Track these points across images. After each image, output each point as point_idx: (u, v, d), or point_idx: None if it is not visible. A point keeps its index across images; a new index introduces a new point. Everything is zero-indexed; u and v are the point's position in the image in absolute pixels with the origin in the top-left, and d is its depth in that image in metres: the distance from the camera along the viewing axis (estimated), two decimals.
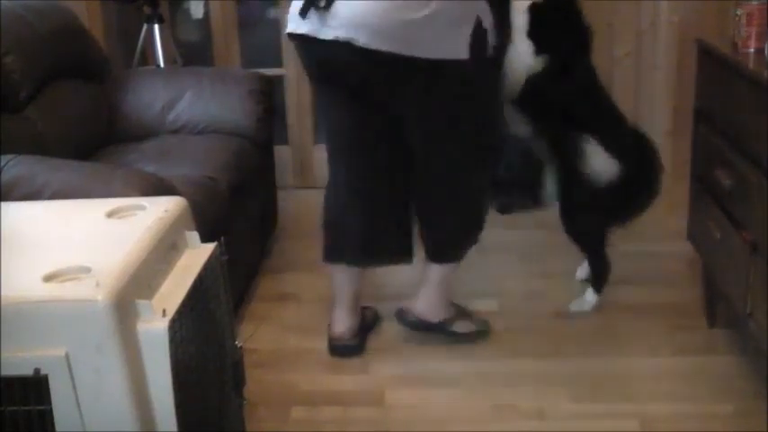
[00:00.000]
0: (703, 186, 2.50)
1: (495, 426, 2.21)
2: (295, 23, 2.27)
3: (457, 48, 2.21)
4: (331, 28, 2.18)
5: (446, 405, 2.31)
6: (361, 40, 2.14)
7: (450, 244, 2.53)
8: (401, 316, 2.60)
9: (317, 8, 2.19)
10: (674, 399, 2.29)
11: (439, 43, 2.17)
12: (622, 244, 2.76)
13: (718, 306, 2.59)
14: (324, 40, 2.20)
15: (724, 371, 2.40)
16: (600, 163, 2.57)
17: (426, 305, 2.55)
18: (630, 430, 2.17)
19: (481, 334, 2.60)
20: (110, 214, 1.70)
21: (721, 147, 2.34)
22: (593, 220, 2.70)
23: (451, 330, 2.57)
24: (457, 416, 2.27)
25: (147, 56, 3.80)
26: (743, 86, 2.19)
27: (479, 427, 2.22)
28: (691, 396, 2.29)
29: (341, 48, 2.18)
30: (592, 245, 2.74)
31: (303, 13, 2.22)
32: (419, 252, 2.55)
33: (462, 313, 2.61)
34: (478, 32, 2.23)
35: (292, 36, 2.32)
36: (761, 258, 2.05)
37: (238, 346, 1.79)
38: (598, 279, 2.74)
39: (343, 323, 2.58)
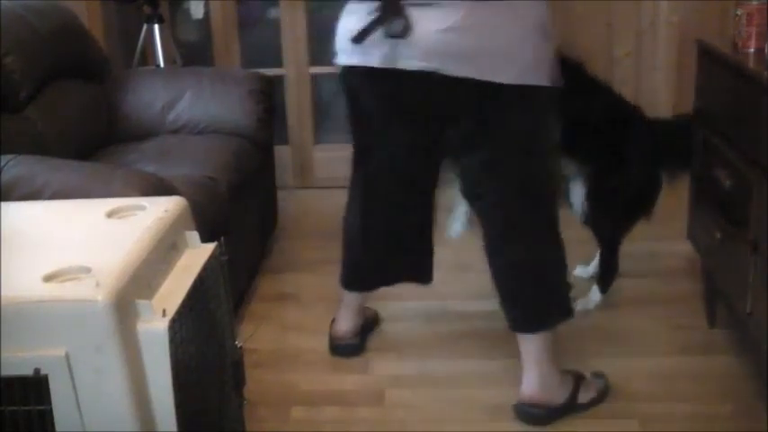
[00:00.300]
0: (703, 186, 2.50)
1: (494, 426, 2.21)
2: (359, 55, 2.07)
3: (542, 72, 2.03)
4: (410, 58, 1.98)
5: (446, 405, 2.31)
6: (450, 68, 1.95)
7: (526, 311, 2.26)
8: (522, 412, 2.23)
9: (391, 34, 1.97)
10: (674, 399, 2.29)
11: (525, 67, 2.00)
12: (623, 243, 2.75)
13: (718, 306, 2.59)
14: (402, 71, 2.00)
15: (724, 371, 2.40)
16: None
17: (540, 387, 2.22)
18: (630, 430, 2.17)
19: (606, 392, 2.31)
20: (110, 214, 1.69)
21: (721, 147, 2.34)
22: (617, 217, 2.72)
23: (580, 405, 2.25)
24: (456, 416, 2.27)
25: (147, 56, 3.80)
26: (743, 86, 2.19)
27: (479, 427, 2.22)
28: (691, 396, 2.29)
29: (423, 78, 1.98)
30: (609, 241, 2.74)
31: (360, 38, 2.02)
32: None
33: (578, 378, 2.30)
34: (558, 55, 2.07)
35: (353, 69, 2.11)
36: (761, 258, 2.05)
37: (238, 346, 1.79)
38: (605, 278, 2.75)
39: (347, 323, 2.57)
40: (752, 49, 2.28)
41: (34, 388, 1.35)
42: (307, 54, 3.95)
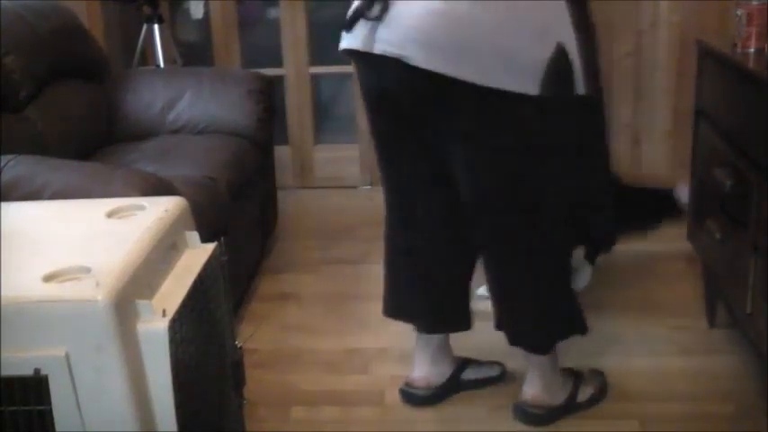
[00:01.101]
0: (703, 186, 2.50)
1: (494, 426, 2.21)
2: (347, 38, 1.94)
3: (524, 79, 1.83)
4: (381, 41, 1.84)
5: (446, 405, 2.31)
6: (416, 57, 1.79)
7: (527, 332, 2.18)
8: (521, 412, 2.21)
9: (368, 18, 1.85)
10: (674, 399, 2.29)
11: (504, 70, 1.80)
12: (622, 244, 2.75)
13: (718, 306, 2.59)
14: (374, 57, 1.86)
15: (724, 371, 2.40)
16: None
17: (542, 389, 2.20)
18: (630, 430, 2.17)
19: (605, 389, 2.31)
20: (110, 214, 1.70)
21: (721, 147, 2.34)
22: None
23: (578, 404, 2.24)
24: (457, 416, 2.27)
25: (147, 56, 3.80)
26: (743, 86, 2.19)
27: (479, 426, 2.22)
28: (691, 396, 2.29)
29: (392, 66, 1.83)
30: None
31: (350, 25, 1.91)
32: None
33: (577, 377, 2.29)
34: (561, 64, 1.85)
35: (345, 53, 1.98)
36: (761, 258, 2.05)
37: (238, 346, 1.79)
38: (596, 245, 2.64)
39: (420, 369, 2.32)
40: (752, 49, 2.28)
41: (34, 388, 1.35)
42: (307, 54, 3.95)
